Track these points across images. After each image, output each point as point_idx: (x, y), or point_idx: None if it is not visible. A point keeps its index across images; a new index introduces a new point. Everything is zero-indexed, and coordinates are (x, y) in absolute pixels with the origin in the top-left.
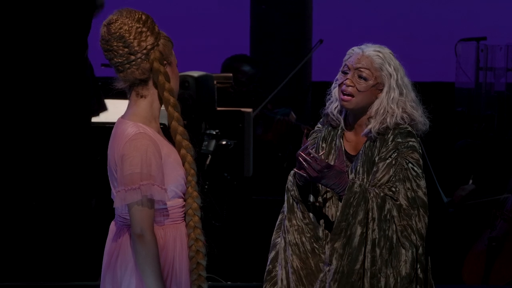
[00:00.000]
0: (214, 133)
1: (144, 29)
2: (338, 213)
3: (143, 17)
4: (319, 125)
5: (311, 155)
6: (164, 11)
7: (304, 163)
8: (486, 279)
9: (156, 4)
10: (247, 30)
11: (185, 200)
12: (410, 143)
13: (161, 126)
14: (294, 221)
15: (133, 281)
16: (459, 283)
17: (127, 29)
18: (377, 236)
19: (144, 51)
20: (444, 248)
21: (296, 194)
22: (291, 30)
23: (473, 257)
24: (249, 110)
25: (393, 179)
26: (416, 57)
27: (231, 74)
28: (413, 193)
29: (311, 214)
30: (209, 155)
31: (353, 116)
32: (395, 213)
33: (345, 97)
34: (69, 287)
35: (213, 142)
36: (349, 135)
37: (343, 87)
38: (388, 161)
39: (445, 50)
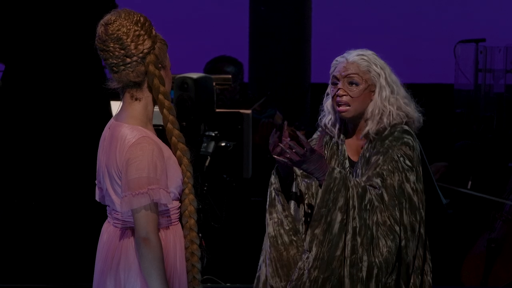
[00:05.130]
0: (213, 134)
1: (142, 32)
2: (318, 200)
3: (142, 19)
4: (315, 136)
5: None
6: (163, 12)
7: (286, 148)
8: (485, 281)
9: (156, 6)
10: (246, 31)
11: (181, 202)
12: (405, 139)
13: (160, 127)
14: (274, 214)
15: (137, 284)
16: (458, 285)
17: (125, 31)
18: (357, 225)
19: (141, 54)
20: (443, 250)
21: (278, 186)
22: (290, 31)
23: (472, 259)
24: (248, 111)
25: (382, 168)
26: (416, 58)
27: (230, 76)
28: (401, 185)
29: (291, 207)
30: (208, 157)
31: (352, 124)
32: (376, 203)
33: (342, 108)
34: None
35: (212, 144)
36: (351, 141)
37: (338, 98)
38: (380, 154)
39: (444, 51)
